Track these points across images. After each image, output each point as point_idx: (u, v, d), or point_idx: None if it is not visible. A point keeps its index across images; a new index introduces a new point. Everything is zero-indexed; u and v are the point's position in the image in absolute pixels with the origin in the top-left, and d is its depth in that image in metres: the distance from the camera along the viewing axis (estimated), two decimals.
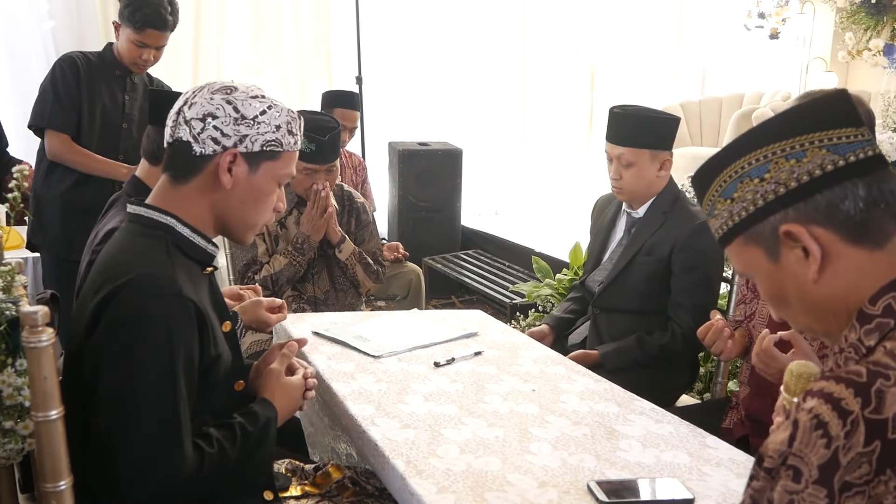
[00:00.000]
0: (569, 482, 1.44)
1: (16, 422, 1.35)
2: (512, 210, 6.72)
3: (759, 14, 6.68)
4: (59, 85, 3.02)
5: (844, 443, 0.78)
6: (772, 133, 0.95)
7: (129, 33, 2.97)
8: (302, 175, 2.73)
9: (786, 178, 0.93)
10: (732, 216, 0.99)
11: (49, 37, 4.80)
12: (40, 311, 1.14)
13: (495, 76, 6.50)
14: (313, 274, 2.86)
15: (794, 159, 0.93)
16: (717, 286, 2.47)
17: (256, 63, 5.62)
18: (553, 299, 3.75)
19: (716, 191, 1.00)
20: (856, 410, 0.79)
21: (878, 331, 0.90)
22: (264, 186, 1.43)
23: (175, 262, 1.37)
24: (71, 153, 3.04)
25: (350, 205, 2.98)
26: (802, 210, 0.93)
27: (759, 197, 0.95)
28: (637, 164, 2.39)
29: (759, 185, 0.95)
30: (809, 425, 0.80)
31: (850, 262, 0.92)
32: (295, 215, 2.85)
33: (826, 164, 0.92)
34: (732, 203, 0.98)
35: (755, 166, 0.95)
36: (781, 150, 0.94)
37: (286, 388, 1.54)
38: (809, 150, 0.92)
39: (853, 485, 0.77)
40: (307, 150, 2.64)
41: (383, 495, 1.64)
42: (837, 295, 0.94)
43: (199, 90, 1.41)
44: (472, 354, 2.08)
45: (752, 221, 0.97)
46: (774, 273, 0.98)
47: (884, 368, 0.81)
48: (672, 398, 2.47)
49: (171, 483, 1.29)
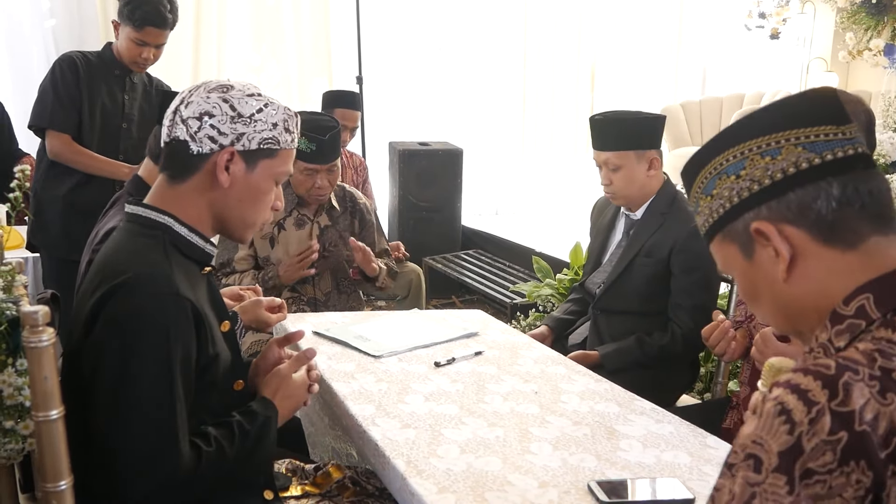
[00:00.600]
0: (569, 482, 1.44)
1: (16, 422, 1.35)
2: (512, 210, 6.72)
3: (759, 14, 6.68)
4: (60, 85, 3.01)
5: (808, 428, 0.76)
6: (750, 129, 0.94)
7: (129, 32, 2.97)
8: (303, 175, 2.71)
9: (760, 176, 0.92)
10: (712, 213, 0.98)
11: (50, 35, 4.80)
12: (41, 311, 1.14)
13: (496, 76, 6.50)
14: (314, 276, 2.84)
15: (770, 156, 0.92)
16: (717, 286, 2.47)
17: (257, 63, 5.62)
18: (553, 299, 3.75)
19: (698, 187, 1.00)
20: (822, 402, 0.77)
21: (849, 332, 0.88)
22: (262, 185, 1.43)
23: (173, 261, 1.37)
24: (72, 153, 3.03)
25: (353, 206, 2.96)
26: (774, 208, 0.92)
27: (734, 194, 0.95)
28: (624, 166, 2.41)
29: (735, 182, 0.94)
30: (773, 412, 0.79)
31: (821, 263, 0.91)
32: (294, 216, 2.83)
33: (801, 162, 0.90)
34: (712, 200, 0.97)
35: (732, 163, 0.95)
36: (758, 146, 0.93)
37: (288, 386, 1.53)
38: (785, 147, 0.91)
39: (815, 472, 0.75)
40: (307, 150, 2.63)
41: (384, 495, 1.64)
42: (808, 295, 0.93)
43: (195, 89, 1.41)
44: (473, 354, 2.08)
45: (728, 219, 0.96)
46: (748, 271, 0.97)
47: (853, 363, 0.80)
48: (672, 398, 2.47)
49: (170, 482, 1.29)
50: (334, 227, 2.89)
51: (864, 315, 0.87)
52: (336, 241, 2.88)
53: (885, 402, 0.77)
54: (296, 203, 2.83)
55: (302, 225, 2.84)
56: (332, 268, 2.88)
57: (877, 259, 0.89)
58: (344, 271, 2.91)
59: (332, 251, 2.87)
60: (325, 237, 2.86)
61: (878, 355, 0.81)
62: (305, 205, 2.84)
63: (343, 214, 2.92)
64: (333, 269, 2.88)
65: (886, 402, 0.77)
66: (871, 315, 0.87)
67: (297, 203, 2.83)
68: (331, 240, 2.87)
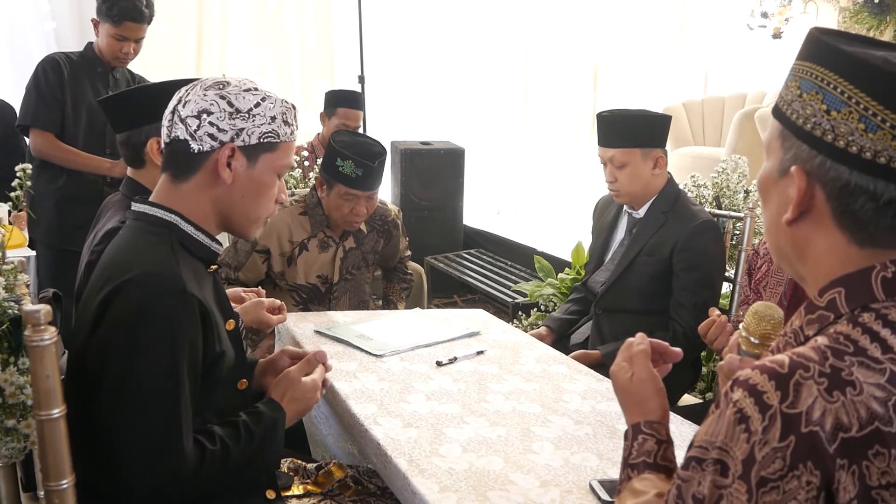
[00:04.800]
0: (571, 481, 1.44)
1: (18, 420, 1.36)
2: (514, 209, 6.72)
3: (761, 14, 6.67)
4: (42, 85, 3.11)
5: (761, 437, 0.79)
6: (872, 84, 0.85)
7: (108, 28, 3.07)
8: (342, 199, 2.60)
9: (844, 133, 0.86)
10: (789, 104, 0.93)
11: (52, 37, 4.81)
12: (42, 310, 1.14)
13: (498, 75, 6.50)
14: (332, 297, 2.75)
15: (865, 125, 0.85)
16: (719, 285, 2.47)
17: (259, 63, 5.63)
18: (555, 298, 3.75)
19: (799, 71, 0.94)
20: (774, 405, 0.80)
21: (818, 322, 0.90)
22: (264, 179, 1.43)
23: (180, 259, 1.37)
24: (55, 150, 3.12)
25: (381, 225, 2.84)
26: (826, 169, 0.88)
27: (813, 122, 0.89)
28: (630, 163, 2.41)
29: (824, 115, 0.88)
30: (734, 419, 0.82)
31: (826, 237, 0.91)
32: (320, 238, 2.70)
33: (884, 155, 0.85)
34: (799, 94, 0.92)
35: (835, 95, 0.87)
36: (864, 107, 0.85)
37: (297, 389, 1.52)
38: (883, 130, 0.84)
39: (768, 480, 0.79)
40: (353, 176, 2.54)
41: (385, 494, 1.64)
42: (799, 249, 0.94)
43: (191, 88, 1.41)
44: (475, 354, 2.08)
45: (791, 128, 0.92)
46: (771, 178, 0.96)
47: (805, 360, 0.82)
48: (674, 398, 2.47)
49: (172, 480, 1.29)
50: (358, 248, 2.79)
51: (833, 308, 0.89)
52: (359, 263, 2.79)
53: (832, 400, 0.79)
54: (324, 225, 2.71)
55: (326, 248, 2.73)
56: (350, 291, 2.80)
57: (871, 262, 0.89)
58: (362, 293, 2.82)
59: (354, 274, 2.78)
60: (347, 261, 2.76)
61: (830, 353, 0.83)
62: (333, 228, 2.73)
63: (370, 234, 2.81)
64: (351, 292, 2.80)
65: (833, 399, 0.79)
66: (840, 309, 0.89)
67: (326, 225, 2.72)
68: (354, 263, 2.78)
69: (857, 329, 0.85)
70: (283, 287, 2.72)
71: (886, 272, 0.88)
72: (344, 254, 2.75)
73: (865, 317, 0.86)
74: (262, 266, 2.69)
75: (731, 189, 3.28)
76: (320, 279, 2.73)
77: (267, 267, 2.71)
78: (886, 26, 5.85)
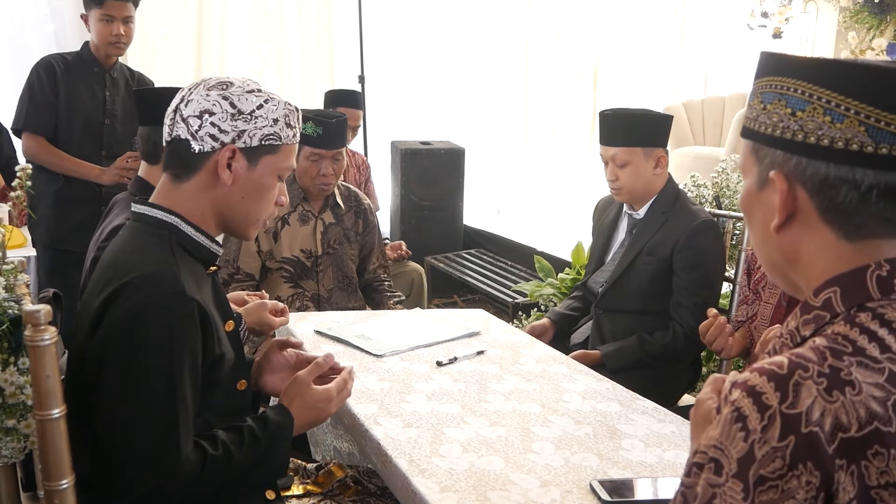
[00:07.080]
0: (571, 481, 1.44)
1: (18, 420, 1.36)
2: (514, 209, 6.71)
3: (762, 13, 6.67)
4: (35, 88, 3.11)
5: (760, 436, 0.79)
6: (831, 77, 0.88)
7: (95, 13, 3.07)
8: (308, 161, 2.76)
9: (812, 129, 0.88)
10: (756, 120, 0.95)
11: (52, 39, 4.80)
12: (43, 310, 1.14)
13: (498, 75, 6.50)
14: (318, 271, 2.87)
15: (831, 117, 0.87)
16: (719, 285, 2.47)
17: (259, 63, 5.62)
18: (555, 298, 3.75)
19: (759, 88, 0.96)
20: (774, 405, 0.80)
21: (814, 322, 0.90)
22: (265, 181, 1.43)
23: (179, 261, 1.37)
24: (46, 154, 3.11)
25: (357, 206, 2.99)
26: (802, 168, 0.89)
27: (781, 127, 0.91)
28: (632, 162, 2.41)
29: (790, 118, 0.90)
30: (731, 418, 0.82)
31: (815, 236, 0.91)
32: (299, 212, 2.86)
33: (855, 142, 0.86)
34: (763, 110, 0.94)
35: (796, 97, 0.89)
36: (827, 100, 0.87)
37: (307, 395, 1.47)
38: (849, 118, 0.86)
39: (767, 479, 0.78)
40: (314, 135, 2.68)
41: (385, 494, 1.64)
42: (791, 254, 0.94)
43: (194, 87, 1.41)
44: (475, 353, 2.08)
45: (762, 141, 0.93)
46: (752, 194, 0.96)
47: (804, 360, 0.82)
48: (674, 397, 2.47)
49: (171, 483, 1.28)
50: (339, 224, 2.92)
51: (829, 308, 0.89)
52: (340, 238, 2.92)
53: (831, 400, 0.79)
54: (301, 198, 2.85)
55: (306, 221, 2.87)
56: (334, 265, 2.90)
57: (864, 256, 0.89)
58: (346, 269, 2.93)
59: (335, 248, 2.90)
60: (329, 234, 2.89)
61: (828, 353, 0.83)
62: (310, 200, 2.87)
63: (347, 213, 2.95)
64: (336, 266, 2.91)
65: (832, 399, 0.79)
66: (836, 309, 0.89)
67: (303, 198, 2.86)
68: (335, 237, 2.91)
69: (855, 329, 0.85)
70: (273, 266, 2.83)
71: (881, 271, 0.88)
72: (324, 227, 2.89)
73: (862, 316, 0.86)
74: (253, 247, 2.81)
75: (731, 189, 3.29)
76: (304, 253, 2.86)
77: (257, 247, 2.82)
78: (886, 26, 5.85)
